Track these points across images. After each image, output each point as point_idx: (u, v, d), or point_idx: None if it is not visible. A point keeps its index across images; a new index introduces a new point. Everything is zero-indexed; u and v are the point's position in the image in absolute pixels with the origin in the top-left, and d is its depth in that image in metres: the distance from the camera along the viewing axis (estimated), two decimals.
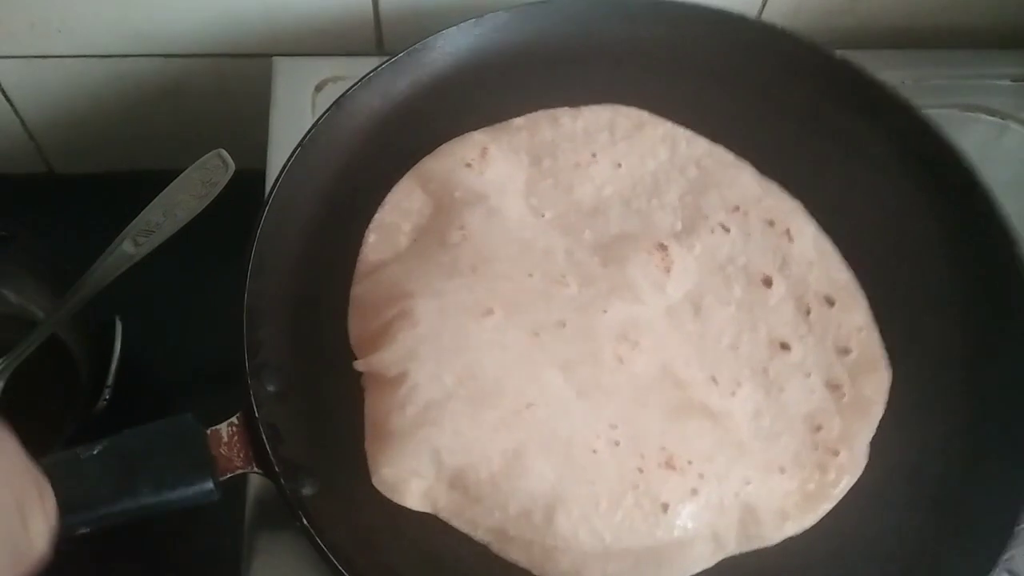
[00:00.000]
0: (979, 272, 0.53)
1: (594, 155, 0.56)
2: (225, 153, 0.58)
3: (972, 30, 0.73)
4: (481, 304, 0.48)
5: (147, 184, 0.60)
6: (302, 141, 0.53)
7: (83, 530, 0.41)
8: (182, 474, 0.42)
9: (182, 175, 0.58)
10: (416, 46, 0.58)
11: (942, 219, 0.55)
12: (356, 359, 0.48)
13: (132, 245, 0.58)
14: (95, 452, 0.42)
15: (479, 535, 0.44)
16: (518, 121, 0.58)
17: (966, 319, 0.52)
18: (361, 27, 0.68)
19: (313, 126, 0.54)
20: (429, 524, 0.45)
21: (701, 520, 0.45)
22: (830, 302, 0.52)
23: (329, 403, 0.48)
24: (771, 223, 0.54)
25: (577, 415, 0.46)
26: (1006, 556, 0.44)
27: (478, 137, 0.56)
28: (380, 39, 0.70)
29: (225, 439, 0.44)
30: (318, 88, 0.65)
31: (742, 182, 0.56)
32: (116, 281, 0.59)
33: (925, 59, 0.70)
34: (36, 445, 0.61)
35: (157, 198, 0.59)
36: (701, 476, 0.45)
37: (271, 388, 0.46)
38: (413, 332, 0.47)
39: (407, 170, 0.56)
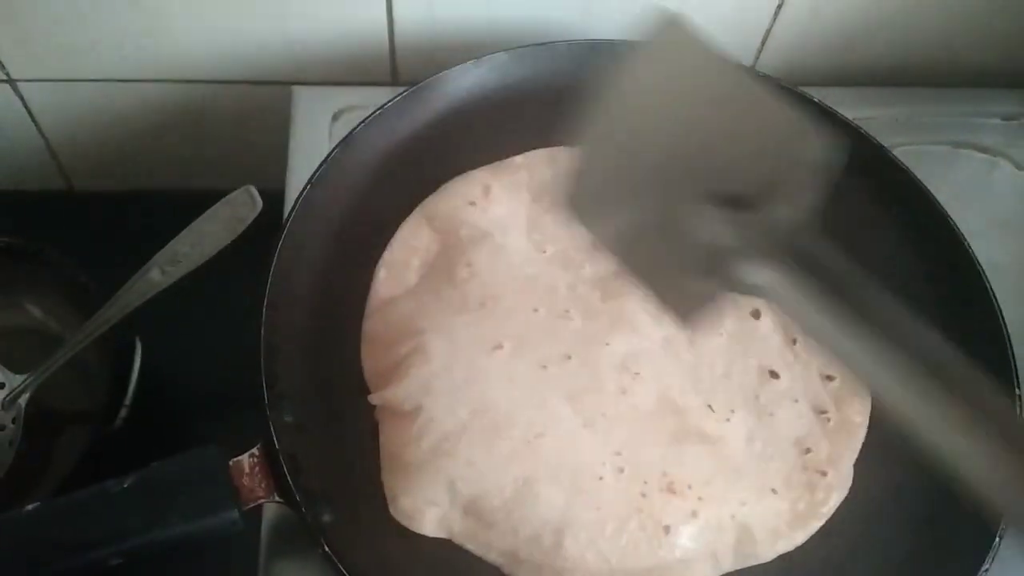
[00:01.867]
0: (951, 303, 0.56)
1: None
2: (253, 190, 0.60)
3: (964, 70, 0.75)
4: (490, 339, 0.51)
5: (166, 203, 0.62)
6: (311, 179, 0.55)
7: (116, 561, 0.43)
8: (208, 505, 0.44)
9: (211, 209, 0.60)
10: (419, 85, 0.60)
11: (914, 254, 0.58)
12: (370, 392, 0.50)
13: (159, 273, 0.59)
14: (125, 486, 0.44)
15: (492, 558, 0.47)
16: (517, 159, 0.60)
17: None
18: (377, 58, 0.71)
19: (322, 164, 0.56)
20: (445, 547, 0.47)
21: (701, 541, 0.47)
22: None
23: (346, 433, 0.50)
24: None
25: (584, 444, 0.48)
26: (984, 569, 0.46)
27: (480, 175, 0.58)
28: (395, 70, 0.72)
29: (247, 470, 0.46)
30: (335, 117, 0.67)
31: None
32: None
33: (919, 97, 0.72)
34: (53, 457, 0.63)
35: (186, 230, 0.60)
36: (700, 499, 0.48)
37: (289, 419, 0.48)
38: (427, 368, 0.49)
39: (414, 205, 0.58)
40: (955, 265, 0.57)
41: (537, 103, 0.62)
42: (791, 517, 0.49)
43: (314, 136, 0.65)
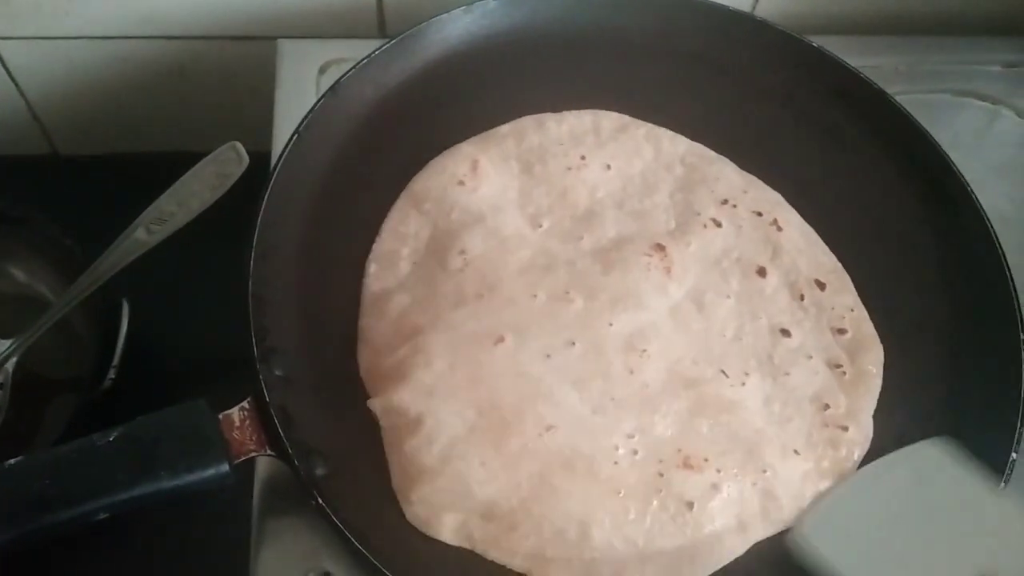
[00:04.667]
0: (955, 248, 0.56)
1: (583, 158, 0.57)
2: (240, 146, 0.58)
3: (964, 17, 0.74)
4: (491, 333, 0.49)
5: (151, 166, 0.60)
6: (298, 129, 0.54)
7: (103, 516, 0.41)
8: (198, 458, 0.43)
9: (197, 166, 0.59)
10: (408, 33, 0.59)
11: (916, 199, 0.58)
12: (367, 392, 0.49)
13: (145, 233, 0.58)
14: (111, 439, 0.42)
15: (517, 563, 0.45)
16: (503, 128, 0.58)
17: (945, 293, 0.55)
18: (363, 10, 0.69)
19: (308, 113, 0.55)
20: None
21: (727, 512, 0.46)
22: (821, 286, 0.54)
23: (338, 388, 0.49)
24: (759, 214, 0.56)
25: (595, 430, 0.47)
26: None
27: (467, 149, 0.57)
28: (382, 22, 0.70)
29: (237, 423, 0.45)
30: (322, 70, 0.66)
31: (727, 176, 0.57)
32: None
33: (918, 45, 0.71)
34: (42, 422, 0.63)
35: (171, 188, 0.59)
36: (720, 471, 0.47)
37: (279, 373, 0.47)
38: (429, 370, 0.48)
39: (403, 160, 0.56)
40: (958, 210, 0.56)
41: (530, 50, 0.61)
42: (817, 476, 0.48)
43: (300, 90, 0.64)
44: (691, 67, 0.62)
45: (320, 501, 0.43)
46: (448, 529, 0.45)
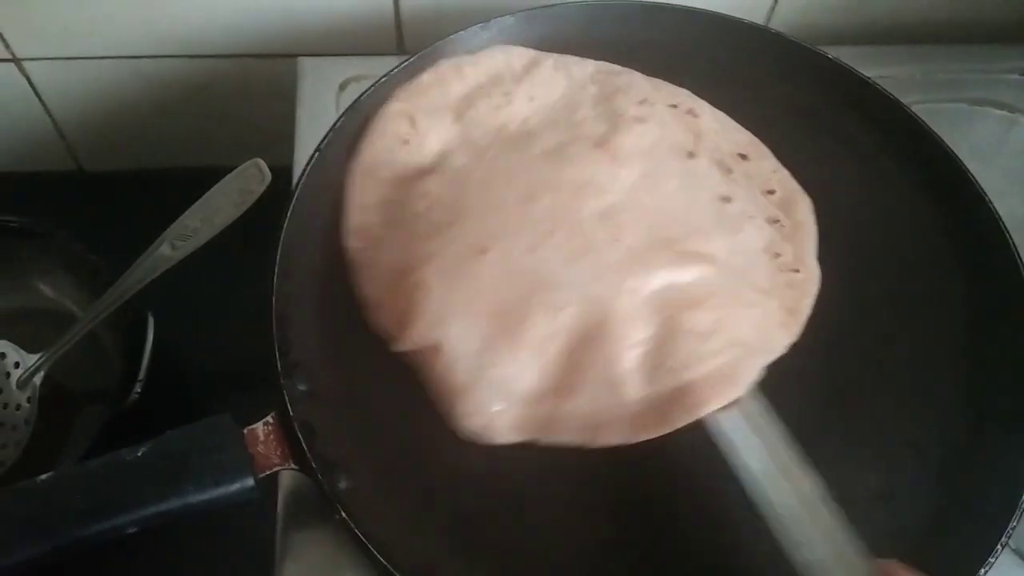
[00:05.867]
0: (972, 257, 0.55)
1: (507, 95, 0.59)
2: (262, 163, 0.59)
3: (980, 25, 0.74)
4: (474, 247, 0.51)
5: (175, 182, 0.61)
6: (319, 147, 0.54)
7: (132, 530, 0.42)
8: (224, 473, 0.43)
9: (220, 183, 0.60)
10: (426, 50, 0.59)
11: (932, 208, 0.58)
12: (388, 348, 0.50)
13: (169, 248, 0.59)
14: (139, 454, 0.43)
15: (574, 438, 0.47)
16: (425, 78, 0.59)
17: (962, 302, 0.54)
18: (383, 28, 0.70)
19: (329, 132, 0.55)
20: (463, 510, 0.47)
21: (735, 341, 0.48)
22: (744, 157, 0.58)
23: (361, 399, 0.49)
24: (675, 107, 0.59)
25: (600, 297, 0.49)
26: (1012, 525, 0.45)
27: (397, 106, 0.58)
28: (401, 39, 0.71)
29: (262, 438, 0.45)
30: (342, 87, 0.67)
31: (636, 83, 0.60)
32: None
33: (934, 54, 0.72)
34: (70, 434, 0.64)
35: (195, 204, 0.60)
36: (716, 307, 0.49)
37: (302, 387, 0.48)
38: (431, 299, 0.49)
39: None
40: (975, 220, 0.56)
41: None
42: (786, 314, 0.52)
43: (321, 107, 0.65)
44: (706, 79, 0.62)
45: (343, 515, 0.43)
46: (502, 429, 0.47)
